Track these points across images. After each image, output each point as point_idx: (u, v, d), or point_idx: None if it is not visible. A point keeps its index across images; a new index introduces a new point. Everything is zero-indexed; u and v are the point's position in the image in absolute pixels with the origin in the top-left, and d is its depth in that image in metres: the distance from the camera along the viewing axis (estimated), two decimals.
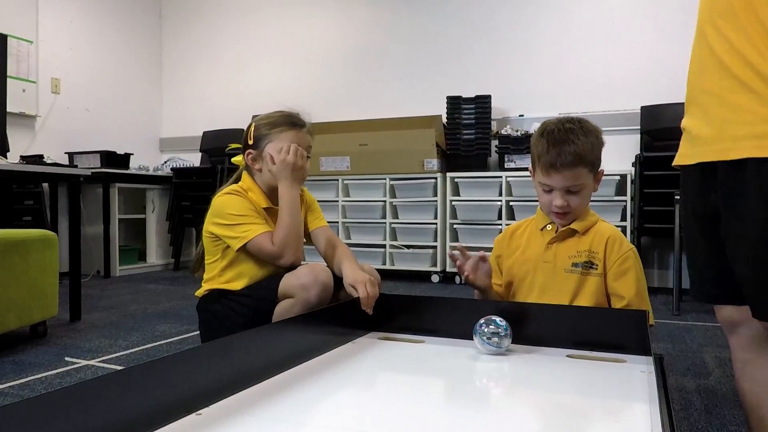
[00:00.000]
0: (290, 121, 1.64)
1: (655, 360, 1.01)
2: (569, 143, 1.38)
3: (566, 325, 1.24)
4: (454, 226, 4.14)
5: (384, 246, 4.29)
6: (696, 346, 2.42)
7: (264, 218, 1.62)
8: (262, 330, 1.06)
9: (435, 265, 4.17)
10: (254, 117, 1.72)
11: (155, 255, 5.03)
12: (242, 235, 1.55)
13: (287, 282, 1.51)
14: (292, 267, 1.57)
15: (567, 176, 1.40)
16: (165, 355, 0.81)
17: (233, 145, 4.54)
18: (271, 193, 1.66)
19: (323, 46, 5.03)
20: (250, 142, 1.66)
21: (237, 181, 1.71)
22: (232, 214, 1.57)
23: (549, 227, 1.53)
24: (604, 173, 1.52)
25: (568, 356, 1.18)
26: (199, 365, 0.87)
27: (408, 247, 4.26)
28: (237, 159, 1.76)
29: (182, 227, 4.93)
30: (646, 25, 4.06)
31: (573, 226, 1.49)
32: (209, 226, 1.62)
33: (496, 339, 1.16)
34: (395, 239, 4.30)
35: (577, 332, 1.22)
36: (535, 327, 1.26)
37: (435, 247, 4.17)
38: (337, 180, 4.42)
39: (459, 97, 4.19)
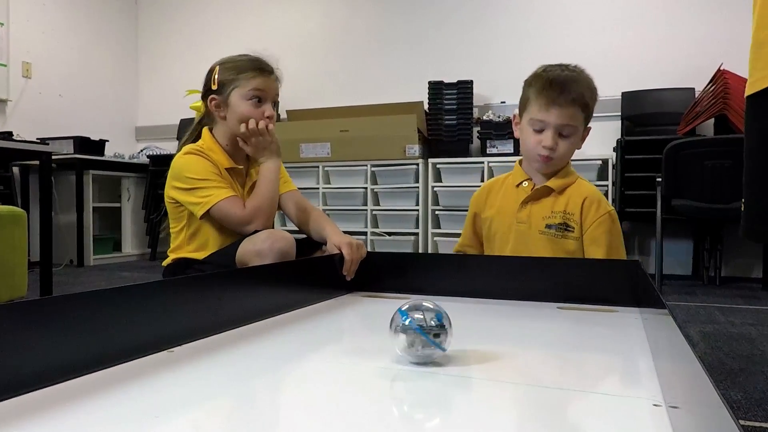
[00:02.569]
0: (257, 66, 1.52)
1: (669, 309, 0.97)
2: (574, 82, 1.38)
3: (554, 279, 1.20)
4: (436, 212, 4.11)
5: (365, 233, 4.24)
6: (679, 322, 2.40)
7: (228, 181, 1.51)
8: (240, 273, 1.00)
9: (417, 251, 4.12)
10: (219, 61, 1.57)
11: (131, 245, 4.91)
12: (204, 201, 1.43)
13: (244, 248, 1.39)
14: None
15: (565, 113, 1.37)
16: (137, 283, 0.75)
17: (192, 91, 3.89)
18: (234, 149, 1.55)
19: (303, 32, 4.97)
20: (214, 87, 1.52)
21: (197, 137, 1.58)
22: (192, 178, 1.45)
23: (525, 184, 1.49)
24: (587, 157, 1.50)
25: (558, 308, 1.14)
26: (174, 299, 0.81)
27: (389, 234, 4.21)
28: (196, 105, 1.66)
29: (158, 216, 4.83)
30: (627, 12, 4.07)
31: (549, 183, 1.45)
32: (170, 190, 1.50)
33: (428, 348, 0.70)
34: (377, 226, 4.25)
35: (565, 285, 1.18)
36: (522, 281, 1.22)
37: (417, 234, 4.13)
38: (318, 167, 4.35)
39: (441, 83, 4.16)
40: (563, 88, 1.37)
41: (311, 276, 1.23)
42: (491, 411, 0.59)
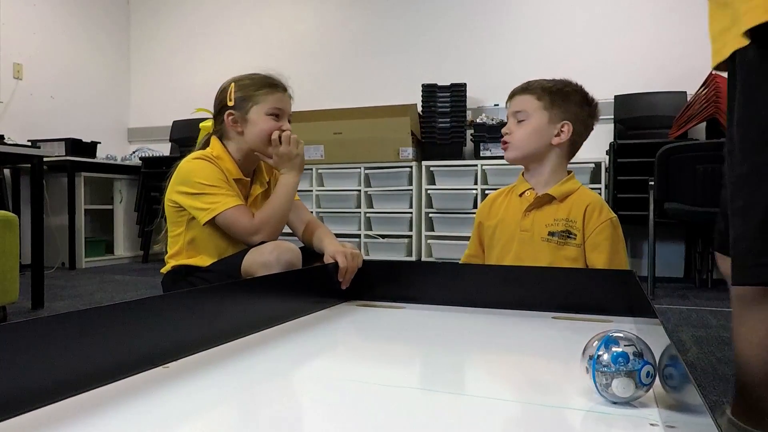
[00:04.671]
0: (274, 83, 1.57)
1: (662, 319, 0.98)
2: (531, 80, 1.53)
3: (549, 288, 1.20)
4: (430, 215, 4.11)
5: (359, 236, 4.24)
6: (672, 326, 2.42)
7: (235, 190, 1.51)
8: (233, 285, 1.00)
9: (410, 254, 4.13)
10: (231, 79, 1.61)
11: (123, 247, 4.89)
12: (211, 207, 1.43)
13: (250, 259, 1.39)
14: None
15: (516, 101, 1.51)
16: (129, 300, 0.75)
17: (200, 109, 4.28)
18: (244, 162, 1.57)
19: (297, 33, 4.96)
20: (231, 104, 1.54)
21: (205, 146, 1.59)
22: (200, 183, 1.45)
23: (527, 193, 1.51)
24: (580, 161, 1.53)
25: (553, 318, 1.14)
26: (167, 314, 0.81)
27: (383, 236, 4.21)
28: (206, 124, 1.67)
29: (151, 218, 4.80)
30: (619, 15, 4.08)
31: (550, 191, 1.47)
32: (173, 194, 1.49)
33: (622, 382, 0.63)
34: (370, 229, 4.25)
35: (560, 295, 1.19)
36: (518, 290, 1.22)
37: (410, 237, 4.13)
38: (311, 169, 4.35)
39: (434, 85, 4.16)
40: (519, 86, 1.53)
41: (306, 286, 1.23)
42: (483, 429, 0.59)
